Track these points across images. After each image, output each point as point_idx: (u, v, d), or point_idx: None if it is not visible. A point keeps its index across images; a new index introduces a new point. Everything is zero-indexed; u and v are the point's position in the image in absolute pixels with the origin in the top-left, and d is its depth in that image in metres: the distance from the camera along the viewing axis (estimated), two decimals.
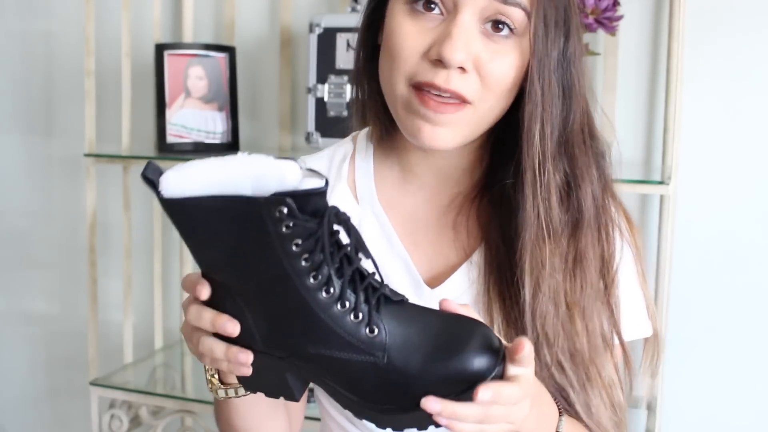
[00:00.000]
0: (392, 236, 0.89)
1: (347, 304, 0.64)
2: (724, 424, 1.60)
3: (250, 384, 0.73)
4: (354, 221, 0.87)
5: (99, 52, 1.77)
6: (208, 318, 0.68)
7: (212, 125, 1.70)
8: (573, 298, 0.82)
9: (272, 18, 1.82)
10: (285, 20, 1.76)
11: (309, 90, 1.62)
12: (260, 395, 0.75)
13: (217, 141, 1.70)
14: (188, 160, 0.64)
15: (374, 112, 0.89)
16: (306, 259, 0.62)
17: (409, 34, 0.78)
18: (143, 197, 1.93)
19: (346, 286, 0.64)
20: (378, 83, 0.85)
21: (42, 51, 2.05)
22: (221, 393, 0.81)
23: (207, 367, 0.81)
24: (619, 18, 1.41)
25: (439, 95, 0.77)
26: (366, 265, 0.67)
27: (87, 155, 1.71)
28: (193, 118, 1.69)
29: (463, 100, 0.78)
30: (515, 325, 0.83)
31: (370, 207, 0.90)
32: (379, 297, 0.66)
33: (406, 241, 0.89)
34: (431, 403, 0.62)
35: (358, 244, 0.65)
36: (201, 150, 1.68)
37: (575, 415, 0.84)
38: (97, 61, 1.74)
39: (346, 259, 0.65)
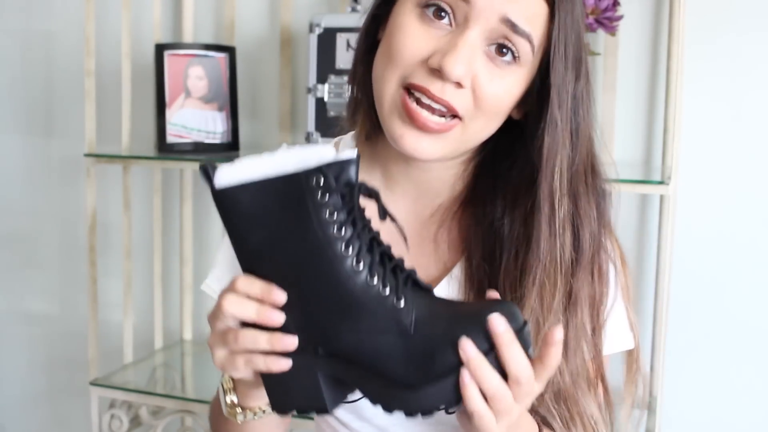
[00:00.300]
0: None
1: (376, 276, 0.67)
2: (724, 424, 1.60)
3: (281, 402, 0.73)
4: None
5: (99, 52, 1.77)
6: (258, 287, 0.69)
7: (212, 125, 1.70)
8: (567, 338, 0.81)
9: (272, 18, 1.82)
10: (285, 20, 1.76)
11: (309, 90, 1.62)
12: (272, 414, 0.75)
13: (217, 141, 1.70)
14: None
15: (365, 108, 0.88)
16: (338, 228, 0.67)
17: (413, 37, 0.77)
18: (143, 197, 1.93)
19: (375, 261, 0.68)
20: (369, 81, 0.84)
21: (42, 51, 2.05)
22: (240, 417, 0.80)
23: (225, 387, 0.80)
24: (619, 18, 1.42)
25: (429, 106, 0.77)
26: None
27: (87, 155, 1.71)
28: (193, 118, 1.69)
29: (453, 114, 0.77)
30: None
31: None
32: (407, 276, 0.69)
33: None
34: (467, 345, 0.64)
35: (386, 214, 0.69)
36: (201, 150, 1.68)
37: None
38: (97, 61, 1.74)
39: (376, 242, 0.69)
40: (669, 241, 1.46)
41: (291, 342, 0.68)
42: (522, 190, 0.82)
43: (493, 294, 0.71)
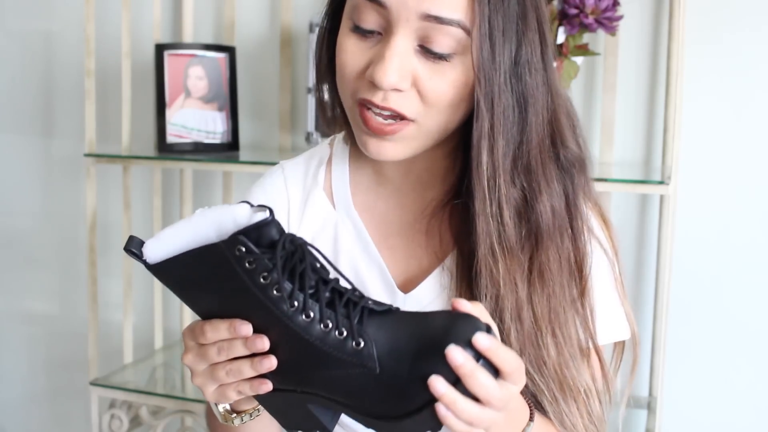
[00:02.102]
0: (368, 241, 0.89)
1: (329, 323, 0.67)
2: (723, 424, 1.60)
3: (285, 423, 0.76)
4: (331, 227, 0.89)
5: (99, 52, 1.77)
6: (225, 326, 0.70)
7: (212, 125, 1.70)
8: (539, 312, 0.81)
9: (272, 18, 1.82)
10: (285, 20, 1.76)
11: (309, 90, 1.63)
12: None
13: (217, 141, 1.70)
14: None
15: (343, 120, 0.88)
16: (277, 289, 0.66)
17: (349, 53, 0.78)
18: (143, 197, 1.93)
19: (323, 307, 0.67)
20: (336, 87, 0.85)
21: (42, 51, 2.05)
22: (237, 421, 0.81)
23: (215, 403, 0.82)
24: (619, 18, 1.42)
25: (381, 114, 0.77)
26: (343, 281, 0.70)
27: (87, 155, 1.71)
28: (193, 118, 1.69)
29: (402, 117, 0.77)
30: None
31: (346, 212, 0.90)
32: (361, 310, 0.68)
33: (380, 245, 0.89)
34: (436, 383, 0.63)
35: (317, 267, 0.68)
36: (201, 150, 1.68)
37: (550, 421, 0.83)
38: (97, 61, 1.74)
39: (322, 281, 0.68)
40: (669, 241, 1.46)
41: (269, 363, 0.69)
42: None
43: (458, 305, 0.69)
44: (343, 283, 0.70)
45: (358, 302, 0.68)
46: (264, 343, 0.69)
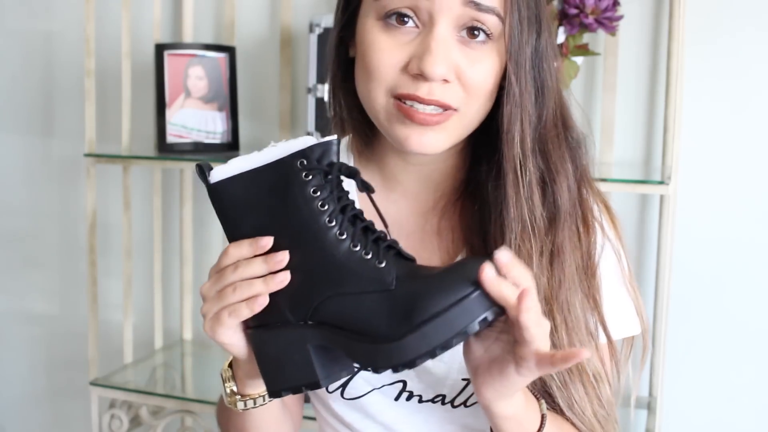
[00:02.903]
0: None
1: (358, 245, 0.72)
2: (724, 424, 1.60)
3: (275, 382, 0.76)
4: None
5: (99, 52, 1.77)
6: (247, 242, 0.73)
7: (212, 125, 1.70)
8: (550, 293, 0.82)
9: (272, 18, 1.82)
10: (285, 20, 1.76)
11: (309, 90, 1.62)
12: (275, 404, 0.78)
13: (217, 141, 1.70)
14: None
15: (353, 124, 0.89)
16: (322, 203, 0.72)
17: (385, 50, 0.78)
18: (143, 197, 1.93)
19: (357, 231, 0.72)
20: (354, 96, 0.85)
21: (42, 51, 2.05)
22: (240, 405, 0.82)
23: (224, 377, 0.82)
24: (619, 18, 1.42)
25: (423, 108, 0.77)
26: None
27: (87, 155, 1.71)
28: (193, 118, 1.69)
29: (448, 108, 0.78)
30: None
31: None
32: (389, 245, 0.73)
33: None
34: (501, 253, 0.67)
35: (368, 189, 0.74)
36: (201, 150, 1.68)
37: (559, 411, 0.83)
38: (97, 61, 1.74)
39: (359, 218, 0.73)
40: (669, 241, 1.46)
41: (283, 277, 0.72)
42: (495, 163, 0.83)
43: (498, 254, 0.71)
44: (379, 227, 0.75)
45: (386, 240, 0.73)
46: (283, 255, 0.72)
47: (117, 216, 1.91)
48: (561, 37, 1.42)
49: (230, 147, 1.71)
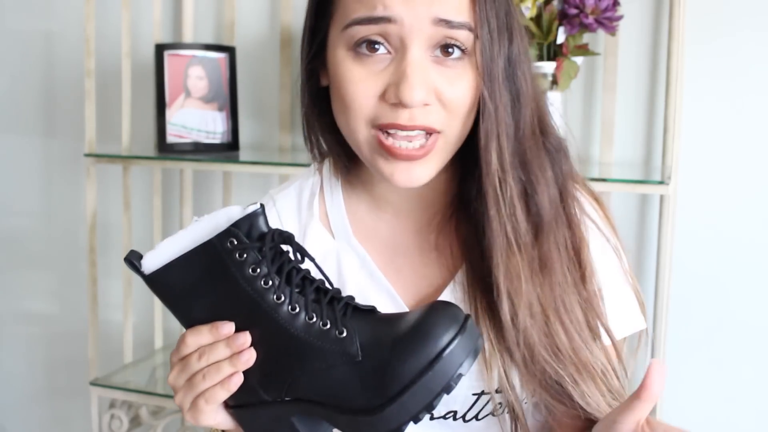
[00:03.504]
0: (373, 268, 0.87)
1: (313, 315, 0.69)
2: (724, 424, 1.60)
3: None
4: (333, 258, 0.88)
5: (99, 52, 1.77)
6: (206, 329, 0.71)
7: (212, 125, 1.70)
8: (545, 301, 0.81)
9: (272, 18, 1.82)
10: (285, 20, 1.76)
11: None
12: None
13: (217, 141, 1.70)
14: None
15: (332, 151, 0.87)
16: (265, 280, 0.69)
17: (360, 81, 0.76)
18: (143, 197, 1.93)
19: (309, 300, 0.70)
20: (330, 127, 0.84)
21: (42, 51, 2.05)
22: None
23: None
24: (619, 18, 1.42)
25: (407, 136, 0.75)
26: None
27: (87, 155, 1.71)
28: (193, 118, 1.69)
29: (432, 132, 0.76)
30: (504, 341, 0.82)
31: (347, 241, 0.88)
32: (345, 306, 0.70)
33: (387, 270, 0.88)
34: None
35: (305, 255, 0.72)
36: (201, 150, 1.68)
37: (578, 407, 0.83)
38: (97, 61, 1.74)
39: (307, 280, 0.71)
40: (669, 241, 1.46)
41: (248, 355, 0.70)
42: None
43: None
44: (328, 284, 0.72)
45: (342, 299, 0.71)
46: (245, 337, 0.70)
47: (117, 216, 1.92)
48: (561, 37, 1.42)
49: (230, 147, 1.72)
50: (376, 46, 0.75)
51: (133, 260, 0.72)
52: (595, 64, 1.59)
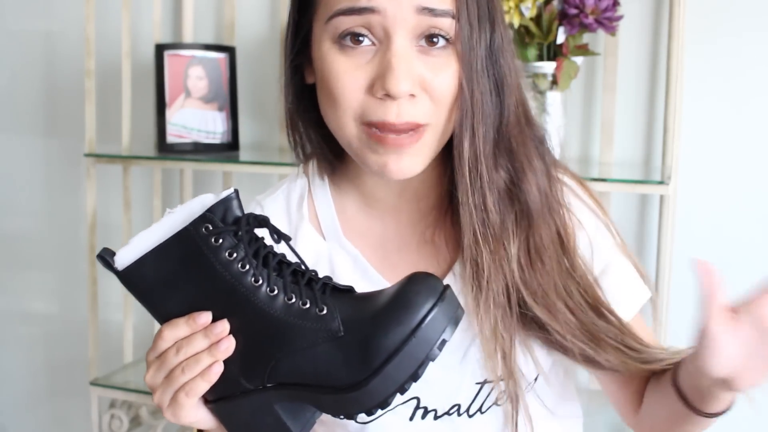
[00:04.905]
0: (366, 267, 0.87)
1: (292, 296, 0.69)
2: (723, 424, 1.60)
3: None
4: (325, 260, 0.87)
5: (99, 52, 1.77)
6: (182, 321, 0.70)
7: (212, 125, 1.70)
8: (545, 289, 0.81)
9: (272, 18, 1.82)
10: (285, 20, 1.75)
11: None
12: None
13: (217, 141, 1.70)
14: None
15: (316, 149, 0.87)
16: (242, 264, 0.68)
17: (345, 73, 0.75)
18: (143, 197, 1.93)
19: (287, 281, 0.69)
20: (316, 123, 0.84)
21: (42, 51, 2.05)
22: None
23: None
24: (619, 18, 1.42)
25: (395, 129, 0.75)
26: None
27: (87, 155, 1.71)
28: (193, 118, 1.69)
29: (419, 126, 0.76)
30: (509, 328, 0.82)
31: (337, 241, 0.88)
32: (323, 284, 0.70)
33: (382, 267, 0.87)
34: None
35: (281, 237, 0.71)
36: (201, 150, 1.68)
37: (608, 369, 0.83)
38: (97, 61, 1.74)
39: (285, 263, 0.70)
40: (669, 241, 1.46)
41: (227, 343, 0.69)
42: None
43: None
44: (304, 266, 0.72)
45: (319, 279, 0.70)
46: (224, 325, 0.69)
47: (117, 216, 1.91)
48: (561, 37, 1.42)
49: (230, 147, 1.72)
50: (361, 38, 0.75)
51: (105, 257, 0.70)
52: (595, 64, 1.59)
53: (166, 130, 1.67)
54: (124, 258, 0.70)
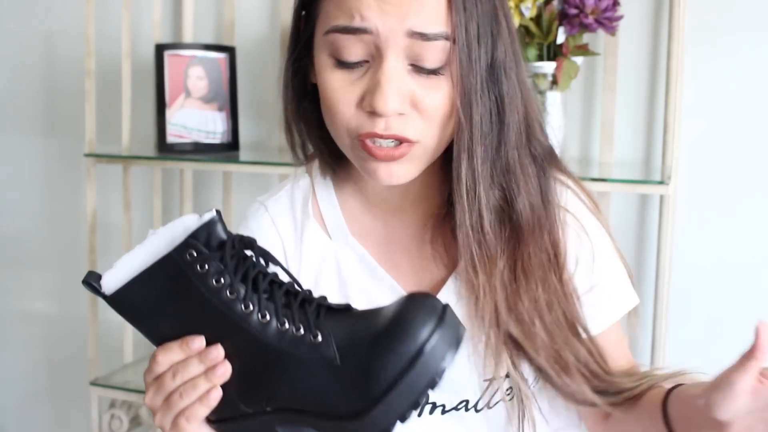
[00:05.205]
0: (373, 265, 0.87)
1: (285, 322, 0.67)
2: None
3: None
4: (331, 258, 0.87)
5: (99, 52, 1.77)
6: (176, 345, 0.69)
7: (212, 125, 1.70)
8: (528, 306, 0.81)
9: (272, 18, 1.82)
10: (285, 20, 1.76)
11: None
12: None
13: (217, 141, 1.70)
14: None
15: (319, 149, 0.88)
16: (230, 291, 0.66)
17: (339, 89, 0.76)
18: (143, 197, 1.93)
19: (279, 305, 0.67)
20: (316, 124, 0.84)
21: (42, 51, 2.05)
22: None
23: None
24: (619, 18, 1.42)
25: (387, 142, 0.76)
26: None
27: (87, 155, 1.71)
28: (193, 118, 1.69)
29: (406, 141, 0.76)
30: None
31: (344, 240, 0.89)
32: (318, 307, 0.68)
33: (387, 265, 0.88)
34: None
35: (270, 261, 0.69)
36: (201, 150, 1.68)
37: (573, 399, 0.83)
38: (97, 61, 1.74)
39: (276, 284, 0.68)
40: (669, 241, 1.46)
41: (223, 369, 0.68)
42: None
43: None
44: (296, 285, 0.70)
45: (313, 300, 0.69)
46: (218, 351, 0.68)
47: (117, 216, 1.91)
48: (561, 37, 1.42)
49: (230, 147, 1.72)
50: (353, 57, 0.75)
51: (91, 282, 0.68)
52: (595, 64, 1.59)
53: (166, 130, 1.67)
54: (110, 282, 0.68)
